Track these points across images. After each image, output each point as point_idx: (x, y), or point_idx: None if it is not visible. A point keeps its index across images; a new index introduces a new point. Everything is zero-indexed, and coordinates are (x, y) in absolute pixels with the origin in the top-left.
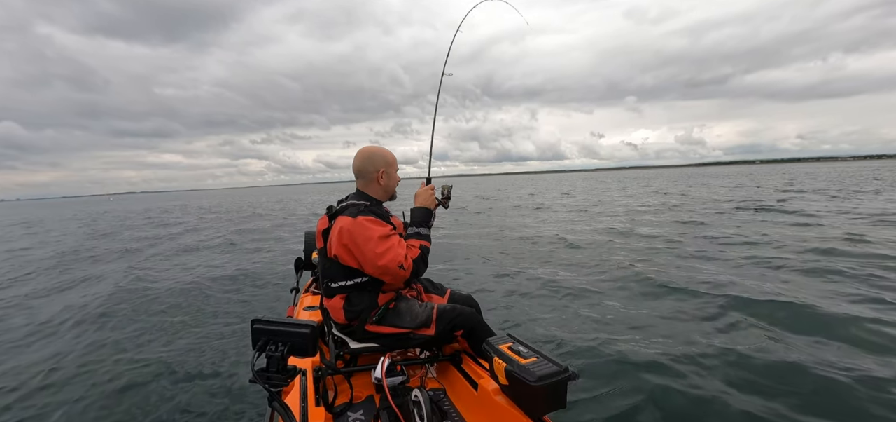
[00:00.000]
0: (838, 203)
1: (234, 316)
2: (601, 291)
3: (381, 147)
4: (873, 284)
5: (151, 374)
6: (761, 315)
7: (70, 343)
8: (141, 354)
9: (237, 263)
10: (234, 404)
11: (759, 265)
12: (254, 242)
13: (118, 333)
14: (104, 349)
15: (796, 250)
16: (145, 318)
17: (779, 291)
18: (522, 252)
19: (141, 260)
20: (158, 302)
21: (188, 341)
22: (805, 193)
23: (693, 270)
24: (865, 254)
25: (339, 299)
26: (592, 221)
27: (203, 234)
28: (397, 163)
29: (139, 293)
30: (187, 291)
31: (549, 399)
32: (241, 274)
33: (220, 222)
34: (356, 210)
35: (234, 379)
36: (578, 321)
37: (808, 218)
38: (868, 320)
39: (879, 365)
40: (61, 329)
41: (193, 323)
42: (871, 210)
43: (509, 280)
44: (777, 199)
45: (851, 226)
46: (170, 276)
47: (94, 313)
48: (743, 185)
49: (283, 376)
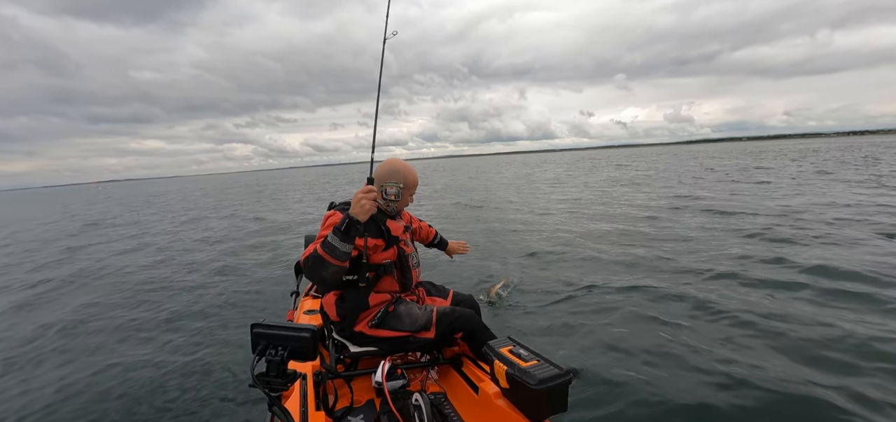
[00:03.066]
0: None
1: (233, 320)
2: (601, 291)
3: (410, 166)
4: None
5: (149, 379)
6: (764, 315)
7: (63, 344)
8: (139, 356)
9: (237, 264)
10: (234, 409)
11: (764, 263)
12: (253, 244)
13: (117, 334)
14: (99, 353)
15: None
16: (144, 318)
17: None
18: (522, 252)
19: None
20: (159, 302)
21: (187, 345)
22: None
23: (702, 271)
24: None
25: (332, 295)
26: (589, 222)
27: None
28: (416, 185)
29: (137, 293)
30: (187, 291)
31: (550, 402)
32: (240, 275)
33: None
34: (341, 205)
35: (233, 383)
36: (579, 321)
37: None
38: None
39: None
40: (46, 334)
41: (192, 326)
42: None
43: (511, 280)
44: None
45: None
46: (170, 276)
47: (92, 314)
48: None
49: (282, 380)
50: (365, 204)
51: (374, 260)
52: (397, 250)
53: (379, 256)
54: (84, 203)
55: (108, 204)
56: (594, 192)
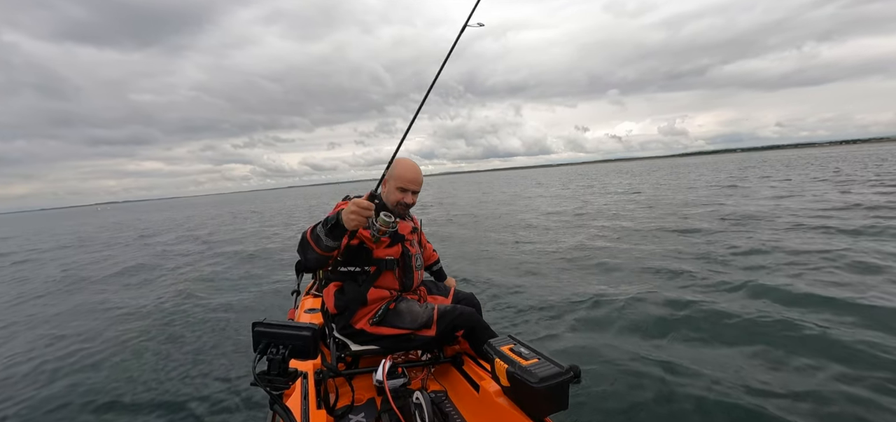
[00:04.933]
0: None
1: (234, 319)
2: (602, 290)
3: (410, 162)
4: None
5: (151, 377)
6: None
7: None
8: (141, 355)
9: (236, 265)
10: (235, 408)
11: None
12: (254, 242)
13: (117, 333)
14: (99, 352)
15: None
16: (142, 319)
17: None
18: (522, 252)
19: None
20: (157, 303)
21: (189, 344)
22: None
23: (700, 271)
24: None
25: (333, 286)
26: (597, 230)
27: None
28: (406, 182)
29: (136, 293)
30: (186, 291)
31: (551, 401)
32: (240, 276)
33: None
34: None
35: (234, 382)
36: (579, 322)
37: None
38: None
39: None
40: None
41: (193, 326)
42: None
43: (510, 281)
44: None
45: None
46: (170, 276)
47: (100, 317)
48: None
49: (284, 378)
50: (352, 218)
51: (378, 254)
52: (402, 248)
53: (383, 252)
54: (94, 227)
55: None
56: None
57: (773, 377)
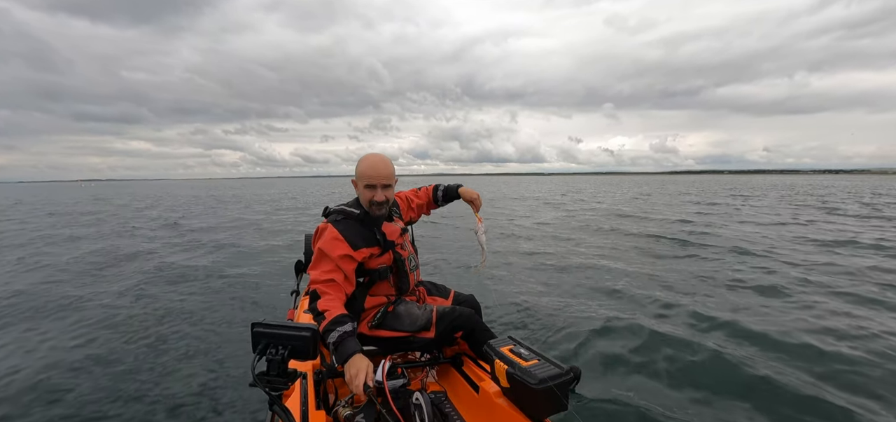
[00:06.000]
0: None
1: (233, 319)
2: (601, 291)
3: (370, 155)
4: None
5: (149, 377)
6: (758, 323)
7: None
8: (139, 355)
9: (236, 265)
10: (234, 409)
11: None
12: (253, 242)
13: (118, 333)
14: (99, 352)
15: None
16: (142, 318)
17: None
18: (522, 253)
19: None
20: (156, 303)
21: (187, 344)
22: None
23: (699, 275)
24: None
25: None
26: (598, 235)
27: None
28: (369, 178)
29: (135, 293)
30: (185, 292)
31: (550, 402)
32: (240, 276)
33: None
34: (332, 215)
35: (234, 382)
36: (580, 323)
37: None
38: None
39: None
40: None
41: (191, 325)
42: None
43: (510, 281)
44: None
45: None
46: (170, 277)
47: (88, 311)
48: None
49: (283, 379)
50: (353, 388)
51: (369, 266)
52: (393, 255)
53: (374, 263)
54: (90, 198)
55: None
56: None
57: (773, 377)
